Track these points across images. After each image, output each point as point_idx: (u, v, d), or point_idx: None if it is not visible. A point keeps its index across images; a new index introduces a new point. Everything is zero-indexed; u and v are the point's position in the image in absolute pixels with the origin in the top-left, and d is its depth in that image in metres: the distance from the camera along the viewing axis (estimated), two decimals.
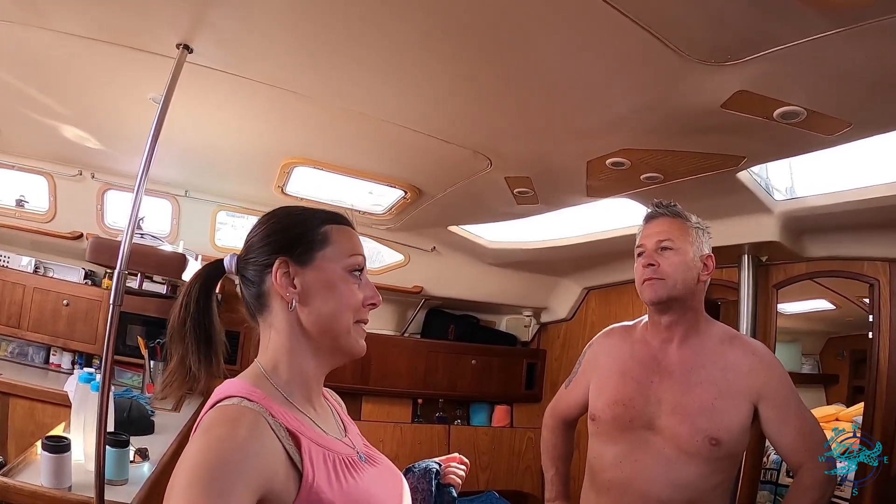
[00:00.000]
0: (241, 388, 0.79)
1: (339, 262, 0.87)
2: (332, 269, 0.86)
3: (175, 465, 0.67)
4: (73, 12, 1.51)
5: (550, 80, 1.48)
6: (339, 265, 0.87)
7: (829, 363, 2.94)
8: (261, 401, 0.77)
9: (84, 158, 2.77)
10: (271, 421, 0.75)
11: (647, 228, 1.47)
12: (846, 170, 1.99)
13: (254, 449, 0.69)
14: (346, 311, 0.85)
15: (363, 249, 0.91)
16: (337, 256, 0.87)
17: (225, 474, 0.65)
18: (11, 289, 3.00)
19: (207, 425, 0.73)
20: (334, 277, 0.86)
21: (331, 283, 0.86)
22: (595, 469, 1.47)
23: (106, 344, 1.54)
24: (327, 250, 0.87)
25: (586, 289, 3.66)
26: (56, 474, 1.58)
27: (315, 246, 0.87)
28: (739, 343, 1.43)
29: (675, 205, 1.48)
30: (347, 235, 0.90)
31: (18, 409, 2.57)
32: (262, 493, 0.68)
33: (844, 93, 1.35)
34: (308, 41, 1.50)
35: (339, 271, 0.86)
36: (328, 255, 0.87)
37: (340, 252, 0.87)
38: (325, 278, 0.86)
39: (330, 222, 0.90)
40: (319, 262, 0.86)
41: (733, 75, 1.30)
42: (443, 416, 3.82)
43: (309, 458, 0.75)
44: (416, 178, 2.48)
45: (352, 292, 0.86)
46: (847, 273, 2.28)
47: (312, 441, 0.78)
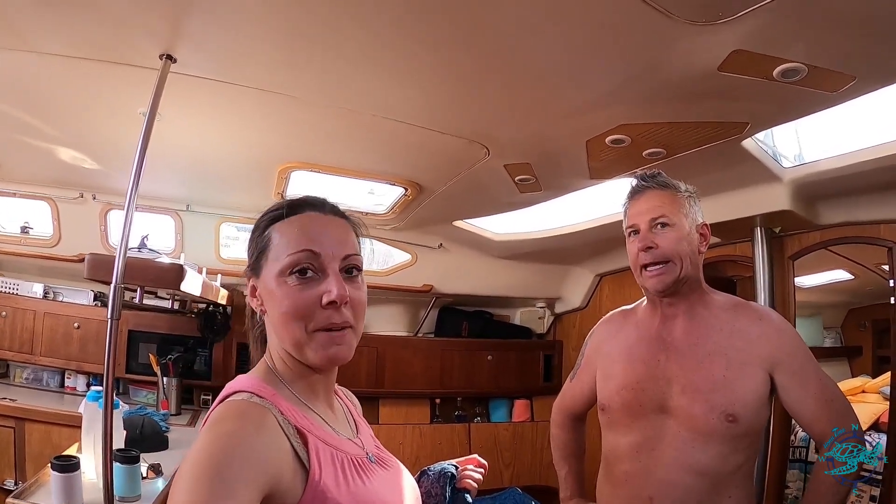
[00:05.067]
0: (251, 384, 0.78)
1: (277, 265, 0.78)
2: (269, 275, 0.79)
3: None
4: (53, 32, 1.51)
5: (534, 57, 1.43)
6: (276, 269, 0.78)
7: (852, 335, 2.85)
8: (270, 397, 0.76)
9: (84, 180, 2.78)
10: (279, 417, 0.73)
11: (636, 205, 1.37)
12: (856, 129, 1.92)
13: (261, 444, 0.68)
14: (290, 321, 0.76)
15: (320, 238, 0.79)
16: (274, 259, 0.79)
17: (231, 469, 0.63)
18: (22, 315, 3.03)
19: (216, 420, 0.72)
20: (271, 284, 0.78)
21: (269, 291, 0.79)
22: (611, 461, 1.40)
23: (106, 359, 1.53)
24: (269, 254, 0.80)
25: (599, 275, 3.60)
26: (67, 493, 1.57)
27: (262, 252, 0.81)
28: (746, 310, 1.34)
29: (661, 174, 1.37)
30: (290, 231, 0.80)
31: (35, 433, 2.58)
32: (268, 489, 0.67)
33: (845, 44, 1.28)
34: (290, 42, 1.48)
35: (273, 277, 0.78)
36: (269, 259, 0.80)
37: (277, 254, 0.79)
38: (266, 286, 0.80)
39: (275, 220, 0.81)
40: (265, 269, 0.80)
41: (727, 34, 1.24)
42: (462, 414, 3.78)
43: (316, 456, 0.74)
44: (415, 173, 2.45)
45: (290, 297, 0.76)
46: (864, 238, 2.21)
47: (320, 440, 0.77)
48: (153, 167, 2.38)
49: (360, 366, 3.45)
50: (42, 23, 1.47)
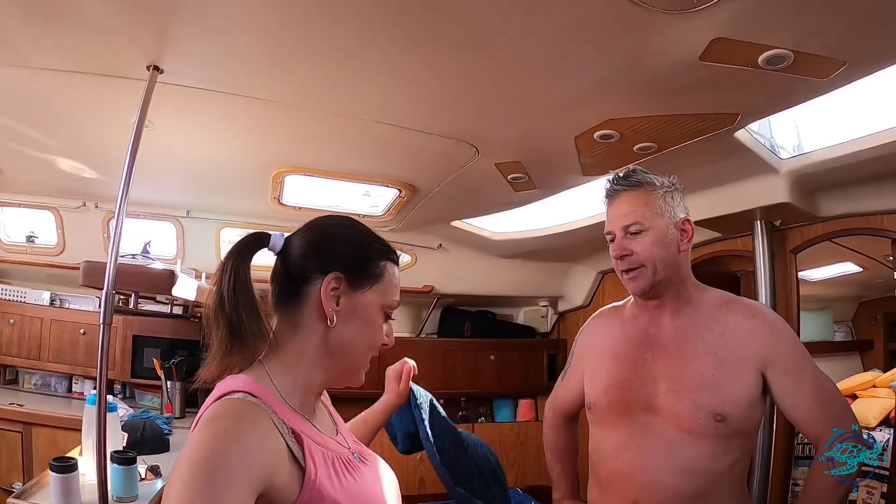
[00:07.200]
0: (245, 384, 0.79)
1: (383, 300, 0.88)
2: (374, 304, 0.88)
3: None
4: (43, 46, 1.54)
5: (512, 54, 1.41)
6: (381, 303, 0.88)
7: (863, 328, 2.79)
8: (264, 397, 0.77)
9: (85, 189, 2.82)
10: (274, 417, 0.75)
11: (610, 210, 1.34)
12: (855, 117, 1.87)
13: (256, 443, 0.70)
14: (370, 348, 0.88)
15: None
16: (382, 294, 0.88)
17: (227, 466, 0.65)
18: (30, 322, 3.08)
19: (211, 418, 0.73)
20: (374, 313, 0.87)
21: (369, 317, 0.87)
22: (596, 462, 1.36)
23: (99, 363, 1.54)
24: (378, 285, 0.88)
25: (601, 272, 3.57)
26: (64, 494, 1.60)
27: (371, 276, 0.88)
28: (739, 306, 1.29)
29: (635, 172, 1.32)
30: (395, 278, 0.91)
31: (41, 437, 2.63)
32: (263, 488, 0.68)
33: (832, 27, 1.24)
34: (275, 49, 1.49)
35: (378, 308, 0.88)
36: (377, 289, 0.88)
37: (386, 291, 0.89)
38: (366, 310, 0.87)
39: (388, 259, 0.91)
40: (368, 293, 0.87)
41: (705, 21, 1.22)
42: (466, 414, 3.78)
43: (311, 455, 0.76)
44: (407, 174, 2.45)
45: (380, 331, 0.89)
46: (867, 230, 2.16)
47: (313, 440, 0.79)
48: (151, 175, 2.42)
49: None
50: (32, 37, 1.50)
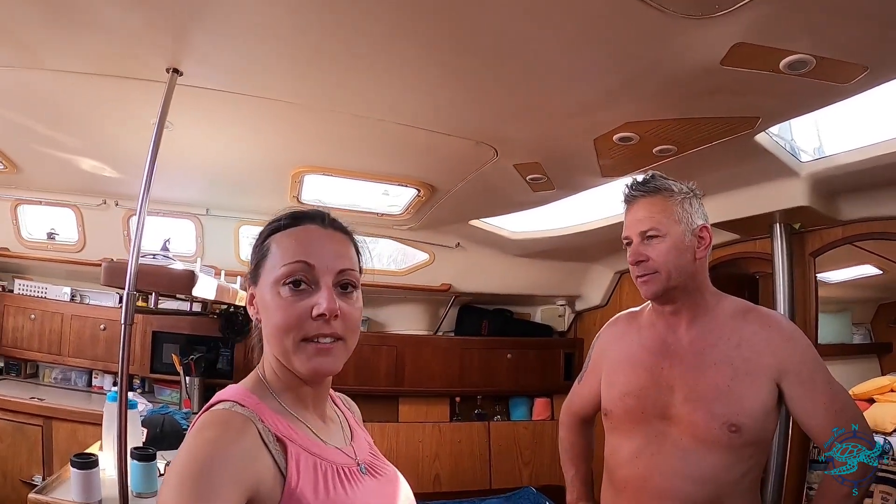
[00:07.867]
0: (236, 394, 0.79)
1: (271, 275, 0.79)
2: (265, 284, 0.80)
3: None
4: (63, 50, 1.56)
5: (532, 57, 1.41)
6: (271, 279, 0.79)
7: (882, 331, 2.76)
8: (253, 406, 0.77)
9: (106, 188, 2.87)
10: (260, 426, 0.75)
11: (628, 215, 1.34)
12: (877, 121, 1.84)
13: (240, 451, 0.70)
14: (280, 331, 0.77)
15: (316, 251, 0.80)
16: (270, 270, 0.80)
17: (211, 475, 0.66)
18: (51, 318, 3.14)
19: (199, 427, 0.74)
20: (266, 294, 0.80)
21: (264, 300, 0.80)
22: (611, 466, 1.37)
23: (120, 362, 1.57)
24: (267, 264, 0.81)
25: (619, 273, 3.55)
26: (85, 489, 1.63)
27: (260, 261, 0.82)
28: (755, 316, 1.29)
29: (654, 177, 1.33)
30: (288, 242, 0.81)
31: (61, 431, 2.69)
32: (248, 495, 0.69)
33: (853, 33, 1.23)
34: (294, 52, 1.50)
35: (269, 287, 0.79)
36: (267, 268, 0.81)
37: (273, 264, 0.80)
38: (261, 295, 0.81)
39: (276, 231, 0.83)
40: (262, 278, 0.81)
41: (727, 27, 1.21)
42: (482, 412, 3.78)
43: (295, 464, 0.75)
44: (427, 175, 2.45)
45: (282, 308, 0.77)
46: (888, 234, 2.12)
47: (303, 448, 0.77)
48: (171, 174, 2.45)
49: (379, 364, 3.48)
50: (54, 42, 1.52)
